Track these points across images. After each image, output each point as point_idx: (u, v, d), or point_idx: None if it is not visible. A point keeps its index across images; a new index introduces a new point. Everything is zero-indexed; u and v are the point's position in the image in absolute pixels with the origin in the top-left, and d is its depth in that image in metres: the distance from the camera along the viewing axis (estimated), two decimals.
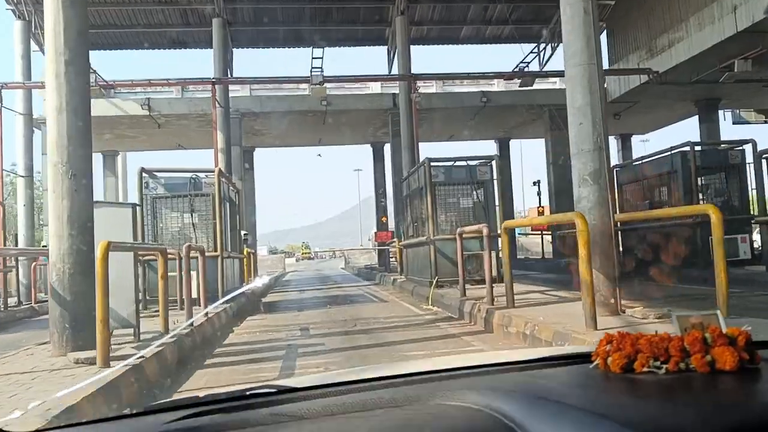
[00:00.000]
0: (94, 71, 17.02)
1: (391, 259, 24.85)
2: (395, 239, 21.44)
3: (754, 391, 1.03)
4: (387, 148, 29.25)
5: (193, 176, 13.34)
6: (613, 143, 29.60)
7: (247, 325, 10.50)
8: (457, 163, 14.26)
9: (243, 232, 19.98)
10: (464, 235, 10.74)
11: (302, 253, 76.20)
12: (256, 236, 28.68)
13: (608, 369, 1.14)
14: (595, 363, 1.18)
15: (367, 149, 29.92)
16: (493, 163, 14.17)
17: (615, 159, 26.27)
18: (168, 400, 1.30)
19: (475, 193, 14.22)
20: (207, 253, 12.72)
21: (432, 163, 13.91)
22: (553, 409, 0.93)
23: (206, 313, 9.01)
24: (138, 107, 21.64)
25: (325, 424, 1.05)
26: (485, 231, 9.79)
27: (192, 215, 13.27)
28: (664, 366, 1.10)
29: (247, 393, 1.22)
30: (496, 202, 14.14)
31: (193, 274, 11.68)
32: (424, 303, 12.07)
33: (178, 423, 1.08)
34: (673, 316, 1.22)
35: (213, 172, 13.26)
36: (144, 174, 12.94)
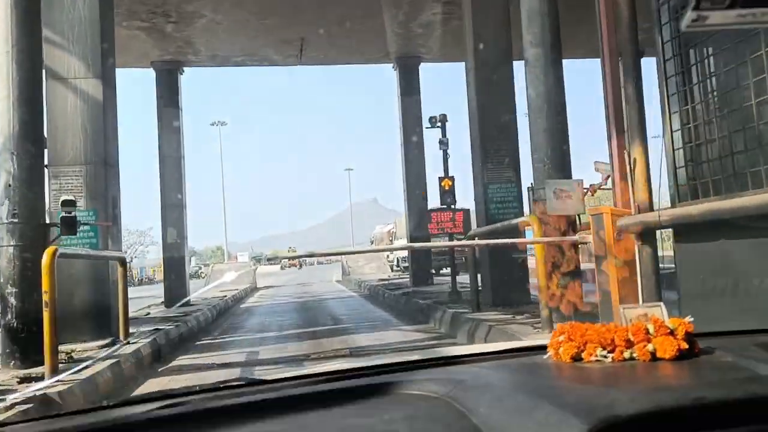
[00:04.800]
0: None
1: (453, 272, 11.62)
2: (498, 224, 8.22)
3: (688, 377, 1.10)
4: (426, 69, 16.16)
5: None
6: None
7: None
8: None
9: (64, 197, 6.84)
10: None
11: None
12: (184, 226, 15.46)
13: (560, 359, 1.19)
14: (548, 354, 1.23)
15: (386, 75, 16.84)
16: None
17: None
18: (144, 393, 1.31)
19: None
20: None
21: None
22: (499, 394, 1.01)
23: None
24: None
25: (291, 412, 1.11)
26: None
27: None
28: (610, 355, 1.16)
29: (220, 386, 1.26)
30: None
31: None
32: None
33: (153, 413, 1.12)
34: (621, 308, 1.28)
35: None
36: None
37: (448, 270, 21.48)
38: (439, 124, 11.50)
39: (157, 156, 15.44)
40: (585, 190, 7.43)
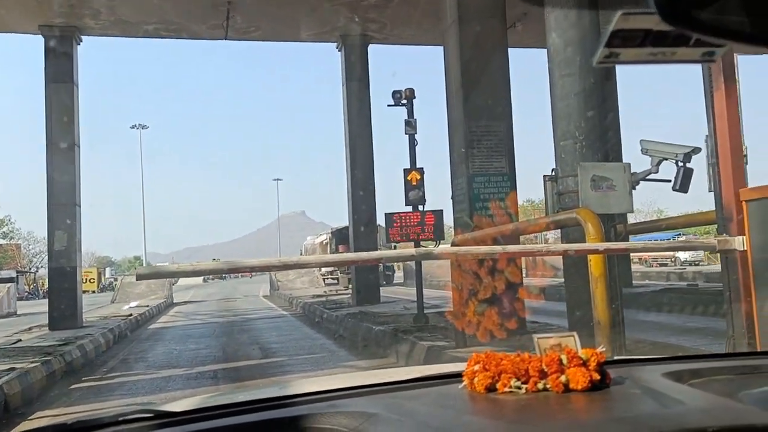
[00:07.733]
0: None
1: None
2: (511, 224, 5.99)
3: (599, 411, 1.07)
4: (377, 51, 13.89)
5: None
6: None
7: None
8: None
9: None
10: None
11: None
12: (78, 229, 12.54)
13: (474, 389, 1.14)
14: (463, 383, 1.18)
15: (328, 58, 14.47)
16: None
17: None
18: (35, 427, 1.27)
19: None
20: None
21: None
22: (411, 430, 0.97)
23: None
24: None
25: None
26: None
27: None
28: (524, 386, 1.10)
29: (119, 419, 1.11)
30: None
31: None
32: None
33: None
34: (534, 338, 1.22)
35: None
36: None
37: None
38: (404, 101, 9.24)
39: (45, 143, 12.51)
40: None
